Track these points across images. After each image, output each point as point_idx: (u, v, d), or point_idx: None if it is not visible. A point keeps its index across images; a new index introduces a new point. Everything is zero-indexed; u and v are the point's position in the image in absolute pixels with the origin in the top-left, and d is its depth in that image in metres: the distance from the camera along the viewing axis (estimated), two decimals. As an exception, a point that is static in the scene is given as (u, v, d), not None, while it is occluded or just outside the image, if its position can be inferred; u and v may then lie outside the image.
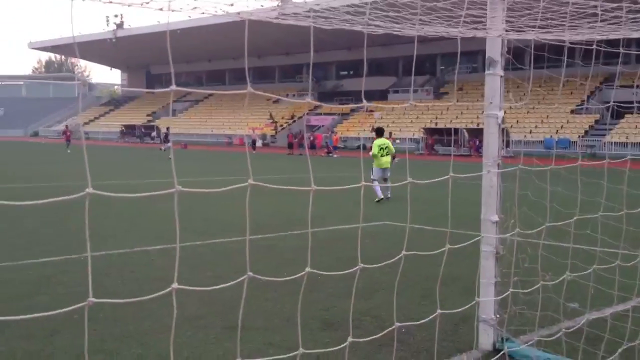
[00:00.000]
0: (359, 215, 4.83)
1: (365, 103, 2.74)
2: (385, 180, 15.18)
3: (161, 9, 2.99)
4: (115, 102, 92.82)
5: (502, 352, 4.23)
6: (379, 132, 15.95)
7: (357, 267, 2.82)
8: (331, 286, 6.59)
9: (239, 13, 3.18)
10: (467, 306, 3.79)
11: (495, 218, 4.68)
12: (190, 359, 4.55)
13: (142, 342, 4.88)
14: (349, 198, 14.15)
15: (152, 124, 74.31)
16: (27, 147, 49.96)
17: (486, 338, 4.61)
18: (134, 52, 79.85)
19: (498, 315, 4.58)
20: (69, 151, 40.19)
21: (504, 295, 4.45)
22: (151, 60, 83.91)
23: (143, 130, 72.04)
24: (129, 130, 73.81)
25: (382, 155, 15.12)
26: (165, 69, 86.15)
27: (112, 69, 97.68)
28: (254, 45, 64.48)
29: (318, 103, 2.82)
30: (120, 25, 75.82)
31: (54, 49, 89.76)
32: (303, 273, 2.89)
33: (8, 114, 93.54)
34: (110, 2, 2.82)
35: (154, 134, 69.17)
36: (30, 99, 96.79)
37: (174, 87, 2.07)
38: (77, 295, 6.22)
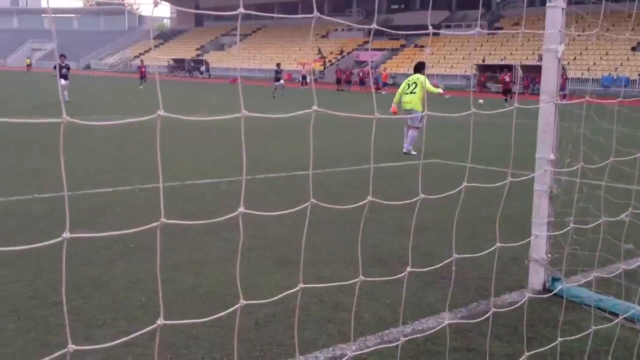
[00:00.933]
0: (401, 153, 4.76)
1: (431, 29, 2.64)
2: (409, 128, 12.34)
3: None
4: (164, 35, 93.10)
5: (553, 292, 4.21)
6: (417, 68, 13.11)
7: (419, 197, 2.80)
8: (380, 223, 6.62)
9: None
10: (523, 242, 3.76)
11: (551, 156, 4.57)
12: (244, 289, 4.62)
13: (196, 272, 5.02)
14: (400, 136, 14.04)
15: (201, 58, 74.48)
16: (96, 81, 50.76)
17: (536, 278, 4.59)
18: (183, -15, 79.43)
19: (549, 255, 4.54)
20: (141, 87, 38.41)
21: (557, 233, 4.39)
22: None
23: (192, 64, 72.33)
24: (178, 64, 74.19)
25: (405, 93, 12.43)
26: (213, 3, 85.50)
27: (161, 2, 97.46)
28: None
29: (391, 31, 2.74)
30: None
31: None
32: (365, 202, 2.82)
33: (60, 47, 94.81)
34: None
35: (202, 68, 69.46)
36: (82, 32, 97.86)
37: (242, 10, 2.03)
38: (131, 226, 6.40)
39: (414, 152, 12.09)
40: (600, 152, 4.47)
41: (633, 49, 47.87)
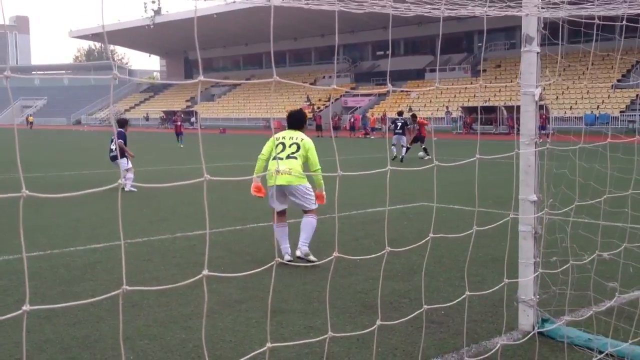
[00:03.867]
0: (398, 196, 4.86)
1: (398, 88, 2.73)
2: (307, 214, 7.19)
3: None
4: (154, 88, 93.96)
5: (542, 332, 4.22)
6: (297, 120, 7.47)
7: (384, 251, 2.84)
8: (369, 269, 6.63)
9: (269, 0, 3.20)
10: (498, 286, 3.78)
11: (534, 197, 4.63)
12: (233, 343, 4.64)
13: (186, 327, 4.99)
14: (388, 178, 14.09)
15: (191, 109, 75.07)
16: (87, 136, 50.94)
17: (526, 319, 4.60)
18: (172, 38, 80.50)
19: (537, 296, 4.56)
20: (181, 146, 32.27)
21: (541, 273, 4.41)
22: (189, 45, 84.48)
23: (182, 115, 72.78)
24: (168, 116, 74.64)
25: (277, 158, 7.03)
26: (203, 54, 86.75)
27: (151, 55, 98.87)
28: (289, 27, 64.46)
29: (349, 90, 2.82)
30: (157, 12, 76.43)
31: (93, 37, 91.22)
32: (330, 258, 2.88)
33: (51, 102, 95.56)
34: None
35: (193, 119, 69.92)
36: (72, 88, 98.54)
37: (201, 77, 2.14)
38: (121, 282, 6.37)
39: (313, 258, 6.95)
40: (580, 190, 4.54)
41: (613, 86, 48.65)
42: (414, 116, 24.41)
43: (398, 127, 22.20)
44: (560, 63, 5.09)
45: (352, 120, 50.69)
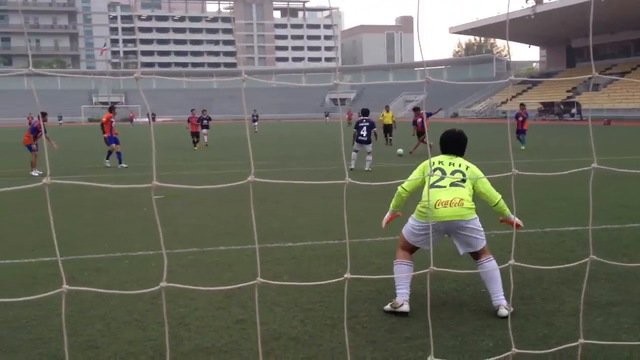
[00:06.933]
0: None
1: None
2: (484, 267, 5.24)
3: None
4: (533, 79, 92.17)
5: None
6: (456, 145, 5.54)
7: None
8: None
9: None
10: None
11: None
12: (599, 346, 4.31)
13: (548, 323, 4.81)
14: None
15: (572, 100, 71.74)
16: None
17: None
18: (554, 27, 77.92)
19: None
20: (522, 148, 24.43)
21: None
22: (572, 34, 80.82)
23: (562, 107, 70.03)
24: (547, 107, 72.54)
25: (437, 186, 5.23)
26: (587, 42, 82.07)
27: (530, 46, 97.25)
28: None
29: None
30: (539, 1, 74.73)
31: (472, 31, 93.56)
32: None
33: (431, 96, 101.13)
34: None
35: (573, 110, 66.72)
36: (451, 81, 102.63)
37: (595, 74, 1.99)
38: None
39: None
40: None
41: None
42: None
43: None
44: None
45: None
